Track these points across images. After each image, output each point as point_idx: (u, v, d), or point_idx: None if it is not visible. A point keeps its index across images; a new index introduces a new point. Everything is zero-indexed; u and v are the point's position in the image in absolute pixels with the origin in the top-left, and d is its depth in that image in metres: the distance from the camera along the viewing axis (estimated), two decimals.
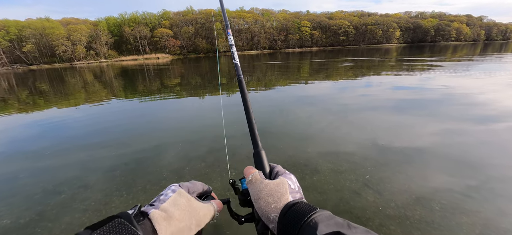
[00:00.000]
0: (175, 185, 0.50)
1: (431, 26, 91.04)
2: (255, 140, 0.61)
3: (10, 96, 12.68)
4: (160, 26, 74.01)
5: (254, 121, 0.65)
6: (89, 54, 63.87)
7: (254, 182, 0.49)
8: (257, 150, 0.58)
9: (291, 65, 22.07)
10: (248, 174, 0.52)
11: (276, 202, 0.44)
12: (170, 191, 0.47)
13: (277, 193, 0.45)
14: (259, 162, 0.57)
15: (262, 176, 0.51)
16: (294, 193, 0.47)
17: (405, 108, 6.21)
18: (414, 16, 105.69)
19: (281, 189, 0.46)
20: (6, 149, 4.85)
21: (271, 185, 0.47)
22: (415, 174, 3.18)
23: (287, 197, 0.45)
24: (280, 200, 0.44)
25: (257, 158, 0.58)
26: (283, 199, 0.45)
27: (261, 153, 0.58)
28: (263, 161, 0.57)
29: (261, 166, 0.56)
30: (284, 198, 0.45)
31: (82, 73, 26.57)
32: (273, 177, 0.53)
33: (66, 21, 69.60)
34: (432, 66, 15.89)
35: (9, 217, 2.75)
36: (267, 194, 0.46)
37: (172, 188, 0.48)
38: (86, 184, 3.33)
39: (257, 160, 0.57)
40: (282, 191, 0.46)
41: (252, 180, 0.49)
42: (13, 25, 58.03)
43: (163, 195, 0.46)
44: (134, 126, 5.90)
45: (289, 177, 0.51)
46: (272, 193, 0.45)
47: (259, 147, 0.59)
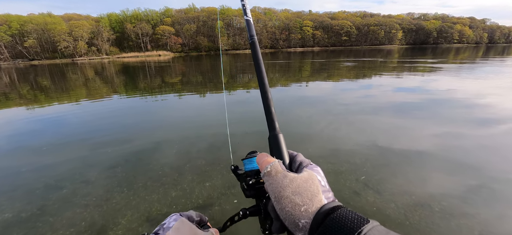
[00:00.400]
0: (176, 215, 0.47)
1: (434, 28, 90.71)
2: (272, 121, 0.50)
3: (12, 91, 12.71)
4: (162, 24, 73.98)
5: (270, 96, 0.53)
6: (91, 50, 63.93)
7: (275, 175, 0.39)
8: (274, 133, 0.48)
9: (292, 65, 22.06)
10: (264, 163, 0.41)
11: (307, 204, 0.35)
12: (172, 220, 0.44)
13: (307, 192, 0.36)
14: (277, 149, 0.46)
15: (283, 167, 0.41)
16: (326, 192, 0.39)
17: (406, 110, 6.20)
18: (417, 17, 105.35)
19: (311, 186, 0.37)
20: (8, 144, 4.87)
21: (298, 181, 0.38)
22: (415, 175, 3.18)
23: (320, 198, 0.36)
24: (312, 202, 0.36)
25: (274, 143, 0.47)
26: (315, 200, 0.36)
27: (279, 137, 0.47)
28: (281, 147, 0.46)
29: (279, 154, 0.46)
30: (317, 199, 0.36)
31: (84, 69, 26.61)
32: (296, 169, 0.44)
33: (68, 17, 69.69)
34: (434, 68, 15.86)
35: (10, 211, 2.77)
36: (293, 192, 0.36)
37: (173, 217, 0.45)
38: (88, 179, 3.35)
39: (274, 146, 0.46)
40: (314, 189, 0.37)
41: (272, 172, 0.39)
42: (15, 20, 58.12)
43: (166, 223, 0.43)
44: (135, 123, 5.92)
45: (317, 170, 0.42)
46: (301, 192, 0.36)
47: (276, 130, 0.48)
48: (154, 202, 2.81)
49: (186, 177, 3.31)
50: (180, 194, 2.95)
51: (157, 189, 3.05)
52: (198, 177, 3.28)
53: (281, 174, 0.39)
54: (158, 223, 2.45)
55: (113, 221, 2.55)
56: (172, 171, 3.48)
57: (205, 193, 2.95)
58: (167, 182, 3.20)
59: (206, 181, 3.18)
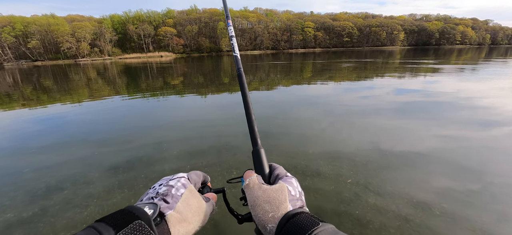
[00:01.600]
0: (184, 178, 0.48)
1: (436, 29, 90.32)
2: (254, 137, 0.57)
3: (15, 91, 12.81)
4: (164, 25, 74.30)
5: (253, 117, 0.62)
6: (93, 51, 64.31)
7: (252, 187, 0.45)
8: (256, 148, 0.55)
9: (294, 66, 22.05)
10: (246, 177, 0.49)
11: (274, 211, 0.41)
12: (180, 184, 0.46)
13: (275, 201, 0.42)
14: (258, 162, 0.53)
15: (260, 180, 0.47)
16: (295, 200, 0.43)
17: (407, 111, 6.18)
18: (419, 18, 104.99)
19: (280, 196, 0.43)
20: (11, 144, 4.91)
21: (269, 191, 0.43)
22: (416, 177, 3.17)
23: (286, 205, 0.41)
24: (279, 209, 0.41)
25: (256, 157, 0.54)
26: (281, 207, 0.41)
27: (260, 152, 0.54)
28: (262, 160, 0.53)
29: (260, 166, 0.52)
30: (283, 206, 0.41)
31: (86, 70, 26.77)
32: (273, 181, 0.49)
33: (71, 18, 70.22)
34: (436, 69, 15.79)
35: (12, 211, 2.79)
36: (264, 201, 0.42)
37: (182, 181, 0.47)
38: (89, 180, 3.36)
39: (256, 159, 0.54)
40: (281, 198, 0.42)
41: (250, 184, 0.46)
42: (19, 21, 58.65)
43: (175, 189, 0.44)
44: (136, 123, 5.94)
45: (290, 181, 0.47)
46: (270, 200, 0.42)
47: (258, 145, 0.56)
48: None
49: None
50: None
51: None
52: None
53: (256, 186, 0.45)
54: None
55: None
56: (173, 172, 3.44)
57: None
58: None
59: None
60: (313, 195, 2.85)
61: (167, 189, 0.44)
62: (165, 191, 0.44)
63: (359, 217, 2.48)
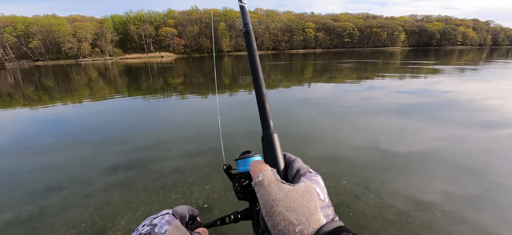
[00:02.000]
0: (169, 215, 0.41)
1: (437, 30, 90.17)
2: (266, 119, 0.44)
3: (16, 91, 12.84)
4: (165, 25, 74.41)
5: (264, 92, 0.47)
6: (94, 51, 64.45)
7: (268, 186, 0.33)
8: (268, 133, 0.42)
9: (294, 66, 22.04)
10: (256, 171, 0.36)
11: (302, 223, 0.30)
12: (164, 221, 0.39)
13: (303, 209, 0.31)
14: (270, 151, 0.41)
15: (277, 176, 0.35)
16: (325, 208, 0.33)
17: (408, 112, 6.16)
18: (420, 19, 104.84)
19: (308, 202, 0.32)
20: (11, 144, 4.91)
21: (294, 195, 0.32)
22: (417, 179, 3.15)
23: (319, 217, 0.31)
24: (309, 222, 0.30)
25: (268, 143, 0.41)
26: (312, 220, 0.30)
27: (273, 137, 0.42)
28: (276, 149, 0.41)
29: (272, 156, 0.40)
30: (315, 218, 0.31)
31: (87, 70, 26.82)
32: (292, 178, 0.38)
33: (72, 18, 70.38)
34: (437, 70, 15.75)
35: (11, 211, 2.78)
36: (287, 208, 0.31)
37: (166, 218, 0.40)
38: (88, 180, 3.36)
39: (267, 147, 0.41)
40: (311, 206, 0.31)
41: (264, 181, 0.34)
42: (20, 21, 58.84)
43: (158, 227, 0.38)
44: (136, 124, 5.93)
45: (316, 180, 0.37)
46: (296, 208, 0.31)
47: (270, 129, 0.43)
48: (154, 203, 2.81)
49: (187, 178, 3.30)
50: (180, 196, 2.94)
51: (157, 191, 3.04)
52: (198, 179, 3.27)
53: (274, 185, 0.33)
54: None
55: (112, 222, 2.55)
56: (172, 172, 3.48)
57: (205, 194, 2.94)
58: (167, 183, 3.20)
59: (206, 183, 3.17)
60: None
61: (149, 229, 0.38)
62: (148, 231, 0.37)
63: (359, 219, 2.47)
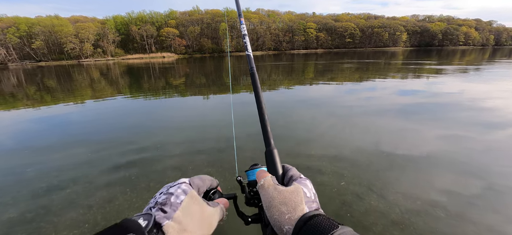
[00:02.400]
0: (185, 184, 0.45)
1: (439, 30, 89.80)
2: (268, 137, 0.57)
3: (19, 91, 12.92)
4: (167, 26, 74.64)
5: (266, 117, 0.61)
6: (96, 52, 64.78)
7: (267, 188, 0.45)
8: (269, 149, 0.54)
9: (295, 67, 22.03)
10: (260, 177, 0.48)
11: (291, 212, 0.40)
12: (181, 190, 0.42)
13: (291, 202, 0.42)
14: (271, 162, 0.52)
15: (275, 181, 0.47)
16: (310, 202, 0.43)
17: (410, 112, 6.14)
18: (422, 19, 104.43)
19: (296, 197, 0.42)
20: (14, 144, 4.94)
21: (285, 193, 0.43)
22: (420, 179, 3.13)
23: (303, 207, 0.41)
24: (295, 211, 0.41)
25: (269, 157, 0.53)
26: (298, 209, 0.41)
27: (274, 153, 0.53)
28: (275, 161, 0.52)
29: (273, 167, 0.52)
30: (300, 208, 0.41)
31: (89, 70, 26.94)
32: (287, 182, 0.49)
33: (74, 19, 70.76)
34: (439, 70, 15.69)
35: (15, 211, 2.80)
36: (280, 202, 0.42)
37: (183, 187, 0.43)
38: (91, 180, 3.37)
39: (269, 160, 0.53)
40: (297, 200, 0.42)
41: (264, 185, 0.45)
42: (23, 22, 59.28)
43: (174, 196, 0.41)
44: (139, 124, 5.95)
45: (305, 183, 0.47)
46: (286, 202, 0.42)
47: (271, 146, 0.55)
48: None
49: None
50: None
51: None
52: None
53: (272, 187, 0.45)
54: None
55: (115, 221, 2.55)
56: (175, 172, 3.48)
57: None
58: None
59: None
60: None
61: (166, 198, 0.41)
62: (164, 199, 0.40)
63: (361, 219, 2.46)
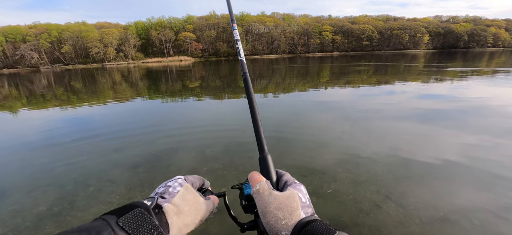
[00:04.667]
0: (181, 179, 0.50)
1: (465, 31, 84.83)
2: (261, 144, 0.57)
3: (49, 92, 13.89)
4: (184, 30, 76.93)
5: (260, 123, 0.60)
6: (119, 55, 68.10)
7: (262, 193, 0.44)
8: (263, 155, 0.54)
9: (310, 70, 21.78)
10: (254, 182, 0.47)
11: (287, 218, 0.40)
12: (177, 183, 0.48)
13: (287, 208, 0.41)
14: (265, 169, 0.53)
15: (270, 186, 0.46)
16: (306, 207, 0.43)
17: (432, 118, 5.84)
18: (445, 20, 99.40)
19: (292, 203, 0.42)
20: (45, 141, 5.31)
21: (281, 198, 0.43)
22: (442, 189, 2.98)
23: (299, 213, 0.41)
24: (291, 216, 0.40)
25: (263, 164, 0.53)
26: (294, 215, 0.40)
27: (268, 159, 0.54)
28: (269, 167, 0.53)
29: (267, 173, 0.52)
30: (296, 214, 0.41)
31: (112, 73, 28.36)
32: (281, 188, 0.49)
33: (99, 25, 75.00)
34: (464, 74, 14.80)
35: (44, 204, 3.01)
36: (276, 208, 0.41)
37: (179, 181, 0.49)
38: (112, 178, 3.54)
39: (263, 166, 0.53)
40: (293, 205, 0.42)
41: (260, 190, 0.45)
42: (54, 28, 63.86)
43: (172, 188, 0.47)
44: (156, 125, 6.17)
45: (299, 188, 0.46)
46: (282, 207, 0.41)
47: (265, 152, 0.55)
48: None
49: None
50: None
51: None
52: (215, 181, 3.33)
53: (267, 192, 0.44)
54: None
55: None
56: (189, 173, 3.54)
57: None
58: None
59: (223, 185, 3.22)
60: (331, 203, 2.78)
61: (165, 189, 0.47)
62: (163, 190, 0.46)
63: (380, 228, 2.38)
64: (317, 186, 3.11)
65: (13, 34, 60.97)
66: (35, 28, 64.65)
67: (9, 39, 60.52)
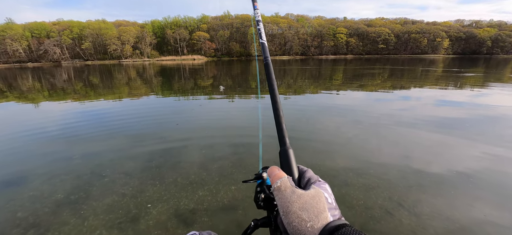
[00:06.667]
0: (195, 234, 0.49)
1: (488, 37, 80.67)
2: (283, 136, 0.52)
3: (69, 86, 14.54)
4: (198, 29, 78.14)
5: (281, 113, 0.56)
6: (135, 53, 70.21)
7: (284, 191, 0.40)
8: (284, 148, 0.50)
9: (323, 72, 21.50)
10: (275, 178, 0.43)
11: (313, 220, 0.36)
12: None
13: (313, 209, 0.37)
14: (286, 163, 0.48)
15: (292, 183, 0.42)
16: (332, 209, 0.40)
17: (449, 125, 5.61)
18: (468, 25, 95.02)
19: (318, 203, 0.38)
20: (63, 132, 5.56)
21: (305, 197, 0.39)
22: (459, 200, 2.85)
23: (326, 215, 0.37)
24: (318, 219, 0.36)
25: (284, 157, 0.49)
26: (321, 217, 0.37)
27: (289, 152, 0.49)
28: (291, 162, 0.48)
29: (288, 168, 0.48)
30: (323, 216, 0.37)
31: (128, 70, 29.27)
32: (304, 185, 0.45)
33: (118, 23, 77.63)
34: (487, 80, 14.08)
35: (62, 192, 3.15)
36: (300, 208, 0.37)
37: None
38: (126, 170, 3.66)
39: (284, 160, 0.49)
40: (320, 206, 0.38)
41: (281, 187, 0.41)
42: (76, 25, 66.80)
43: None
44: (169, 122, 6.31)
45: (325, 187, 0.43)
46: (307, 208, 0.37)
47: (286, 145, 0.51)
48: (183, 198, 2.96)
49: (213, 177, 3.42)
50: (206, 193, 3.06)
51: (186, 187, 3.20)
52: (224, 179, 3.37)
53: (289, 190, 0.40)
54: (185, 219, 2.57)
55: (145, 211, 2.74)
56: (201, 170, 3.63)
57: (230, 194, 3.01)
58: (195, 180, 3.35)
59: (232, 183, 3.25)
60: (340, 207, 2.71)
61: None
62: None
63: None
64: None
65: (38, 30, 64.34)
66: (59, 24, 67.86)
67: (34, 34, 63.92)
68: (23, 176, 3.60)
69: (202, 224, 2.55)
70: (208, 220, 2.60)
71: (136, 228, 2.50)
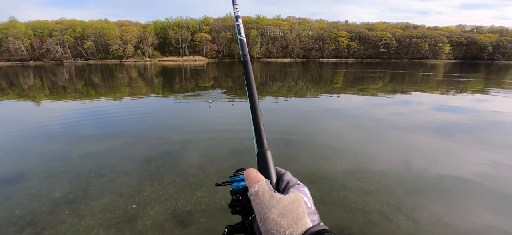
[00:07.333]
0: None
1: (489, 42, 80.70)
2: (260, 137, 0.50)
3: (70, 85, 14.57)
4: (200, 31, 78.46)
5: (260, 113, 0.53)
6: (136, 53, 70.48)
7: (262, 196, 0.38)
8: (262, 150, 0.48)
9: (323, 75, 21.51)
10: (252, 181, 0.41)
11: (292, 227, 0.34)
12: None
13: (292, 215, 0.36)
14: (264, 166, 0.46)
15: (270, 187, 0.40)
16: (312, 214, 0.38)
17: (448, 131, 5.59)
18: (469, 30, 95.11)
19: (297, 208, 0.36)
20: (62, 131, 5.57)
21: (284, 202, 0.37)
22: (457, 206, 2.84)
23: (306, 221, 0.36)
24: (297, 225, 0.35)
25: (262, 160, 0.47)
26: (300, 223, 0.35)
27: (267, 155, 0.47)
28: (269, 165, 0.46)
29: (266, 171, 0.45)
30: (302, 222, 0.35)
31: (129, 70, 29.35)
32: (282, 189, 0.43)
33: (120, 23, 78.00)
34: (487, 86, 14.06)
35: (60, 191, 3.15)
36: (279, 214, 0.35)
37: None
38: (125, 170, 3.66)
39: (262, 163, 0.47)
40: (299, 212, 0.36)
41: (259, 192, 0.38)
42: (78, 24, 67.19)
43: None
44: (168, 122, 6.31)
45: (303, 191, 0.41)
46: (286, 214, 0.36)
47: (264, 147, 0.48)
48: (180, 199, 2.95)
49: (211, 178, 3.41)
50: (204, 194, 3.05)
51: (184, 187, 3.20)
52: (223, 180, 3.35)
53: (268, 195, 0.38)
54: (182, 220, 2.56)
55: (143, 211, 2.74)
56: (199, 171, 3.62)
57: (228, 196, 3.00)
58: (193, 181, 3.34)
59: (230, 185, 3.24)
60: (338, 211, 2.72)
61: None
62: None
63: None
64: (325, 193, 3.06)
65: (41, 28, 64.71)
66: (61, 23, 68.25)
67: (37, 33, 64.28)
68: (21, 174, 3.60)
69: (199, 225, 2.54)
70: (205, 221, 2.59)
71: (133, 228, 2.50)
